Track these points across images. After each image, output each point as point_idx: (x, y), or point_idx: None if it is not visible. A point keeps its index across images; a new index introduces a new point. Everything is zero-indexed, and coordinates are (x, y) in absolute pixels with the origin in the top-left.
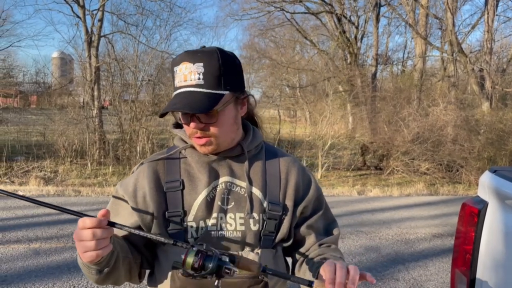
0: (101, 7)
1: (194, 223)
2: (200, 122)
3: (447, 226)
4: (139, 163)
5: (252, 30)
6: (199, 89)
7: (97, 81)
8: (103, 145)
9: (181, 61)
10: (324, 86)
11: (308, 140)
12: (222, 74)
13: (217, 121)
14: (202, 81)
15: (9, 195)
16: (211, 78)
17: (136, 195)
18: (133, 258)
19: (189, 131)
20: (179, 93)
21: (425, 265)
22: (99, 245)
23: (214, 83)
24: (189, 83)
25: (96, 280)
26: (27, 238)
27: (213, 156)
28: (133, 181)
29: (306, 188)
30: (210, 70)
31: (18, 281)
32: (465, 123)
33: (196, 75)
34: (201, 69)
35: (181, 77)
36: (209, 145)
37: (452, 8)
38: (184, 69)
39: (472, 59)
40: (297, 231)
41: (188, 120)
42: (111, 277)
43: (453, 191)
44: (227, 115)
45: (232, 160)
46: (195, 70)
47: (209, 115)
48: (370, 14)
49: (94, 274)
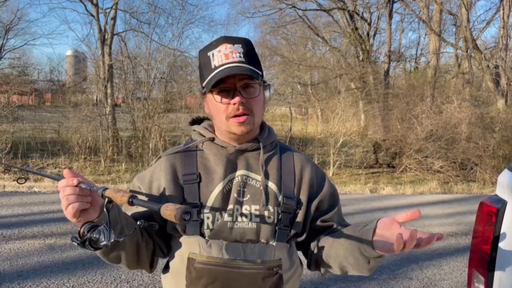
0: (114, 5)
1: (210, 215)
2: (243, 97)
3: (461, 225)
4: (157, 157)
5: (264, 28)
6: (243, 64)
7: (110, 79)
8: (116, 142)
9: (219, 44)
10: (336, 83)
11: (320, 137)
12: (256, 57)
13: (258, 96)
14: (243, 59)
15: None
16: (250, 57)
17: (151, 186)
18: (143, 242)
19: (229, 109)
20: (223, 68)
21: (439, 264)
22: (70, 199)
23: (253, 62)
24: (232, 60)
25: (102, 255)
26: (42, 233)
27: (231, 149)
28: (150, 173)
29: (320, 184)
30: (248, 51)
31: (34, 277)
32: (480, 121)
33: (237, 54)
34: (241, 49)
35: (222, 57)
36: (248, 124)
37: (466, 3)
38: (224, 49)
39: (487, 55)
40: (313, 225)
41: (230, 96)
42: (118, 252)
43: (467, 189)
44: (262, 95)
45: (249, 154)
46: (235, 50)
47: (251, 90)
48: (383, 11)
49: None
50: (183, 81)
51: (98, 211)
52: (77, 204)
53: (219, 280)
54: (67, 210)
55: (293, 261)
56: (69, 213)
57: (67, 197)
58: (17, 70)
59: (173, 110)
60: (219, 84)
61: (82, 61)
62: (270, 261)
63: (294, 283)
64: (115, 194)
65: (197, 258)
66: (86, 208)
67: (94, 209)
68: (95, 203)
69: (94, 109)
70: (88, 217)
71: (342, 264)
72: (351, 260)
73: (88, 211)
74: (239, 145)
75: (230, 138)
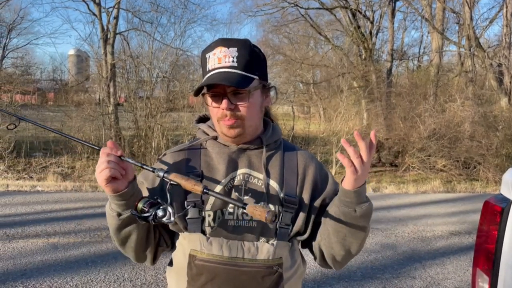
0: (116, 4)
1: (211, 212)
2: (231, 103)
3: (464, 224)
4: (160, 154)
5: (266, 26)
6: (233, 70)
7: (113, 78)
8: (119, 141)
9: (215, 46)
10: (338, 82)
11: (322, 136)
12: (253, 60)
13: (248, 102)
14: (236, 63)
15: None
16: (244, 62)
17: (155, 182)
18: (151, 229)
19: (219, 114)
20: (213, 74)
21: (442, 263)
22: (110, 164)
23: (247, 66)
24: (224, 65)
25: (115, 229)
26: (45, 232)
27: (233, 147)
28: None
29: (323, 183)
30: (243, 54)
31: (37, 275)
32: (483, 119)
33: (231, 58)
34: (235, 53)
35: (215, 60)
36: (237, 127)
37: (469, 2)
38: (218, 53)
39: (490, 54)
40: (317, 223)
41: (220, 101)
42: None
43: (470, 188)
44: (256, 100)
45: (251, 152)
46: (229, 54)
47: (240, 96)
48: (386, 9)
49: (115, 216)
50: (185, 80)
51: (125, 185)
52: (113, 170)
53: (219, 277)
54: (102, 172)
55: (295, 260)
56: (102, 175)
57: (108, 161)
58: (20, 70)
59: (176, 109)
60: (211, 87)
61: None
62: (270, 260)
63: (296, 282)
64: (184, 181)
65: (198, 255)
66: (117, 178)
67: (122, 181)
68: (125, 178)
69: (96, 108)
70: (116, 187)
71: (340, 237)
72: (342, 226)
73: (117, 181)
74: (240, 144)
75: (225, 139)
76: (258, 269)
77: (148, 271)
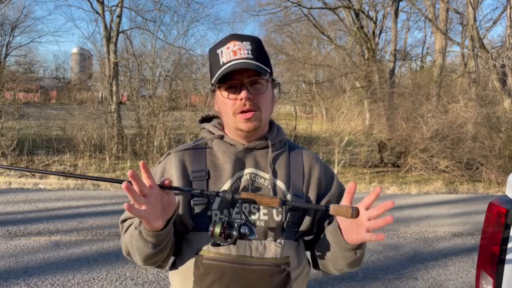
0: (119, 3)
1: (218, 212)
2: (249, 92)
3: (467, 225)
4: (164, 154)
5: (269, 26)
6: (250, 61)
7: (116, 77)
8: (121, 139)
9: (227, 41)
10: (341, 82)
11: (324, 136)
12: (265, 54)
13: (266, 92)
14: (251, 55)
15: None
16: (257, 55)
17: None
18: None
19: (236, 105)
20: (230, 65)
21: (444, 264)
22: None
23: (260, 60)
24: (240, 57)
25: (145, 256)
26: (48, 230)
27: (240, 147)
28: (161, 169)
29: (328, 184)
30: (256, 48)
31: (39, 273)
32: (486, 120)
33: (245, 51)
34: (249, 46)
35: (230, 53)
36: (255, 120)
37: (473, 2)
38: (232, 46)
39: (494, 54)
40: (321, 225)
41: (237, 91)
42: (160, 254)
43: (473, 189)
44: (270, 92)
45: (257, 152)
46: (243, 47)
47: (257, 86)
48: (389, 9)
49: (150, 248)
50: (188, 79)
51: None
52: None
53: (227, 276)
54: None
55: (301, 259)
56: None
57: (136, 200)
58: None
59: (178, 108)
60: (227, 80)
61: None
62: (278, 258)
63: (303, 281)
64: (259, 198)
65: (205, 254)
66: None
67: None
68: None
69: (99, 107)
70: (151, 226)
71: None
72: (341, 261)
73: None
74: (248, 143)
75: (238, 135)
76: (266, 268)
77: (150, 269)
